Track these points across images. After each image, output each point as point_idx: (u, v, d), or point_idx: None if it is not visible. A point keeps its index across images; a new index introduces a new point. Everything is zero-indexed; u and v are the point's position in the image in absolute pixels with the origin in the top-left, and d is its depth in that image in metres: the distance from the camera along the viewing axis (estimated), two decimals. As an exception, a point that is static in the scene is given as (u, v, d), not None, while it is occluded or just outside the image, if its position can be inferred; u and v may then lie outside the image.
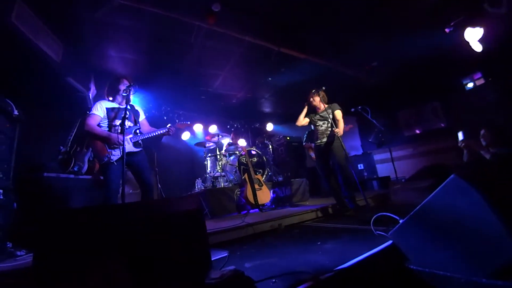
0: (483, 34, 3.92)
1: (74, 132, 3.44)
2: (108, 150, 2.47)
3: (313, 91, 3.45)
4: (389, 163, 5.06)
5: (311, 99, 3.45)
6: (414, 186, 3.09)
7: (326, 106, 3.39)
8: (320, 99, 3.42)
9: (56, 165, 3.17)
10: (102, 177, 2.87)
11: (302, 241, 2.06)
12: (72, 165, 3.24)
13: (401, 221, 1.36)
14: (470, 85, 5.30)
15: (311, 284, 1.10)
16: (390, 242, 1.51)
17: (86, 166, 3.43)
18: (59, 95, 3.54)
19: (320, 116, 3.44)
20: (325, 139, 3.35)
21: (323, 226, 2.65)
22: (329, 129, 3.35)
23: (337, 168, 3.25)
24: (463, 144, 3.46)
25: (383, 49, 4.74)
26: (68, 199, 3.00)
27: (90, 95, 3.99)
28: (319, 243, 1.88)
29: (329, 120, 3.34)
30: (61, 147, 3.33)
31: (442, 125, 6.07)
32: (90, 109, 2.63)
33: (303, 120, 3.55)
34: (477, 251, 1.15)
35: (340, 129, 3.23)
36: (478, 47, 4.04)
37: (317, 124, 3.46)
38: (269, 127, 7.30)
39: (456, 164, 4.52)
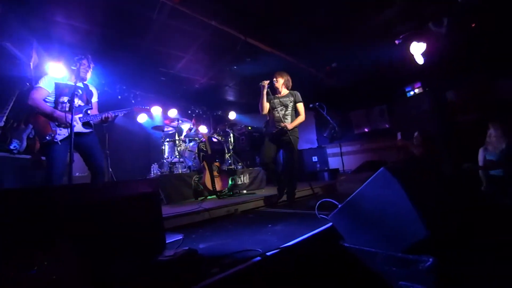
0: (426, 49, 4.48)
1: (10, 106, 3.02)
2: (53, 129, 2.26)
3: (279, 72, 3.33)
4: (339, 157, 5.54)
5: (274, 79, 3.30)
6: (356, 177, 3.50)
7: (288, 92, 3.30)
8: (284, 82, 3.31)
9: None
10: (43, 158, 2.62)
11: (255, 225, 2.19)
12: (8, 142, 2.86)
13: (339, 206, 1.57)
14: (411, 93, 6.04)
15: (259, 259, 1.23)
16: (330, 224, 1.73)
17: (24, 144, 3.05)
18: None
19: (280, 101, 3.27)
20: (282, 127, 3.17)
21: (274, 211, 2.84)
22: (287, 117, 3.22)
23: (288, 165, 3.23)
24: (399, 144, 3.99)
25: (342, 54, 5.10)
26: (2, 180, 2.67)
27: (32, 64, 3.50)
28: (270, 225, 2.04)
29: (288, 109, 3.23)
30: (-6, 122, 2.91)
31: (387, 126, 6.82)
32: (31, 81, 2.36)
33: (266, 108, 3.28)
34: (396, 231, 1.40)
35: (293, 124, 3.14)
36: (420, 60, 4.60)
37: (275, 108, 3.24)
38: (232, 115, 7.31)
39: (393, 160, 5.18)
